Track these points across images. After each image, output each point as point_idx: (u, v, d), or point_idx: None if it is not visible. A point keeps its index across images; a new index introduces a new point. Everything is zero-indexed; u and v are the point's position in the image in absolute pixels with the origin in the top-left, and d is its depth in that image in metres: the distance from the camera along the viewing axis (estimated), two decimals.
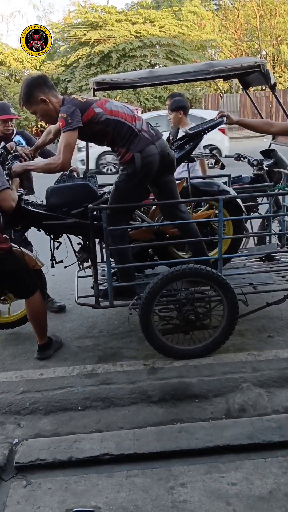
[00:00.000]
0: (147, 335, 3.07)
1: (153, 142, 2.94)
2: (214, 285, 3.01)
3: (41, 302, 3.26)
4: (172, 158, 3.07)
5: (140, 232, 3.38)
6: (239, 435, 2.36)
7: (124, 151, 2.94)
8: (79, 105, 2.85)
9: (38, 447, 2.38)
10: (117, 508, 2.01)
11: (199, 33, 25.54)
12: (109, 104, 2.97)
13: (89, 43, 23.10)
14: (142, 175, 2.95)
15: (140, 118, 3.00)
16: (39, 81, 2.91)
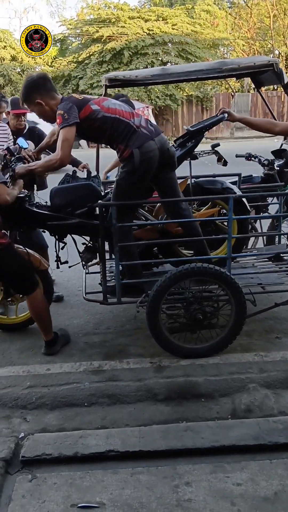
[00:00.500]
0: (154, 333, 3.07)
1: (152, 138, 2.95)
2: (222, 284, 3.01)
3: (42, 299, 3.26)
4: (172, 153, 3.08)
5: (145, 231, 3.38)
6: (245, 436, 2.35)
7: (123, 148, 2.95)
8: (76, 102, 2.90)
9: (44, 442, 2.39)
10: (122, 504, 2.01)
11: (212, 32, 25.42)
12: (107, 102, 3.00)
13: (101, 40, 23.08)
14: (142, 171, 2.95)
15: (138, 115, 3.02)
16: (38, 84, 2.98)
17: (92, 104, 2.93)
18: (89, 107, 2.91)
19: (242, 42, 27.83)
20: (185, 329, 3.15)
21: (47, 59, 24.61)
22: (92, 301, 3.42)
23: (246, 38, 28.85)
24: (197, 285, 3.10)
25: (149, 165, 2.95)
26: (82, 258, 3.54)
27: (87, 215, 3.24)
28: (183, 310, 3.12)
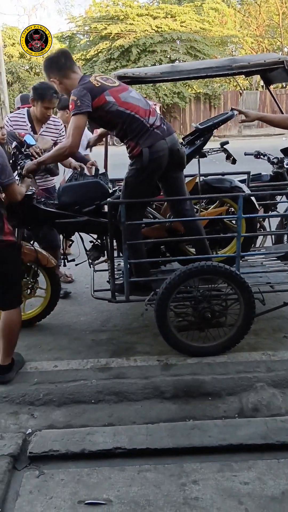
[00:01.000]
0: (162, 331, 3.07)
1: (163, 137, 2.92)
2: (232, 283, 3.00)
3: (20, 319, 2.98)
4: (182, 154, 3.05)
5: (152, 229, 3.37)
6: (252, 435, 2.35)
7: (133, 145, 2.93)
8: (91, 90, 2.84)
9: (52, 438, 2.39)
10: (129, 502, 2.01)
11: (220, 29, 25.33)
12: (125, 93, 2.92)
13: (109, 37, 23.06)
14: (150, 170, 2.94)
15: (154, 113, 2.97)
16: (52, 62, 2.98)
17: (107, 94, 2.86)
18: (103, 98, 2.85)
19: (251, 39, 27.72)
20: (193, 327, 3.15)
21: None
22: (100, 299, 3.42)
23: (255, 35, 28.74)
24: (206, 283, 3.10)
25: (158, 165, 2.94)
26: (89, 256, 3.54)
27: (95, 213, 3.23)
28: (192, 308, 3.11)
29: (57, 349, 3.37)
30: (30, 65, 23.30)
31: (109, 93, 2.86)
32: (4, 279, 2.87)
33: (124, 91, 2.94)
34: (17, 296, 2.99)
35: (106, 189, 3.31)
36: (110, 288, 3.27)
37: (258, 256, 3.85)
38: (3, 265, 2.82)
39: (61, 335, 3.58)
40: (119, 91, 2.92)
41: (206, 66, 3.60)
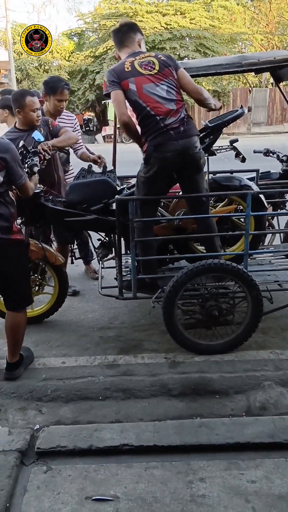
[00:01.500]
0: (169, 328, 3.07)
1: (176, 139, 2.86)
2: (239, 281, 2.99)
3: (26, 319, 3.01)
4: (196, 157, 2.96)
5: (160, 228, 3.36)
6: (260, 433, 2.34)
7: (143, 141, 2.95)
8: (119, 73, 2.90)
9: (59, 434, 2.40)
10: (136, 498, 2.02)
11: (230, 26, 25.20)
12: (151, 86, 2.87)
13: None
14: (154, 169, 2.93)
15: (177, 115, 2.88)
16: (113, 34, 3.12)
17: (131, 82, 2.86)
18: (127, 84, 2.86)
19: (261, 36, 27.54)
20: (200, 325, 3.14)
21: (65, 53, 24.65)
22: (108, 296, 3.43)
23: (264, 32, 28.55)
24: (216, 281, 3.09)
25: (162, 164, 2.90)
26: (97, 254, 3.54)
27: (103, 211, 3.23)
28: (199, 306, 3.11)
29: (65, 345, 3.38)
30: (39, 62, 23.35)
31: (133, 81, 2.86)
32: (12, 278, 2.86)
33: (151, 83, 2.87)
34: (26, 296, 2.99)
35: (114, 187, 3.31)
36: (117, 285, 3.28)
37: (266, 254, 3.83)
38: (11, 264, 2.81)
39: (69, 332, 3.59)
40: (146, 81, 2.87)
41: (216, 63, 3.58)
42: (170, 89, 2.91)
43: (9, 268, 2.81)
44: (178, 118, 2.89)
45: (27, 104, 3.33)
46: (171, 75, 2.94)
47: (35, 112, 3.40)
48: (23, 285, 2.95)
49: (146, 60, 2.94)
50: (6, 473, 2.15)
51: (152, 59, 2.94)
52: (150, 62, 2.93)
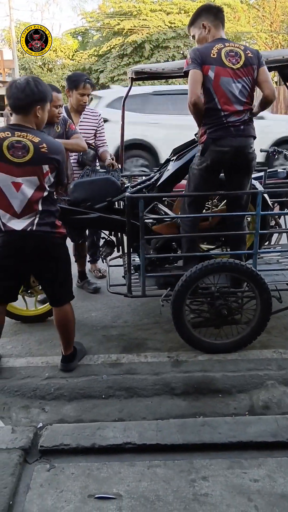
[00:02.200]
0: (178, 327, 3.06)
1: (234, 136, 2.87)
2: (249, 281, 2.98)
3: (72, 309, 3.02)
4: (250, 158, 2.97)
5: (165, 226, 3.35)
6: (263, 432, 2.34)
7: (202, 132, 2.95)
8: (205, 57, 2.84)
9: (62, 432, 2.41)
10: (139, 497, 2.02)
11: (234, 25, 25.12)
12: (228, 80, 2.84)
13: (122, 33, 23.01)
14: (210, 162, 2.93)
15: (241, 115, 2.88)
16: (208, 8, 3.01)
17: (212, 69, 2.82)
18: (207, 69, 2.82)
19: (265, 35, 27.45)
20: (209, 324, 3.13)
21: (68, 52, 24.66)
22: (117, 293, 3.43)
23: (269, 31, 28.45)
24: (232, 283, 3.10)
25: (217, 158, 2.91)
26: (100, 253, 3.55)
27: (107, 209, 3.24)
28: (208, 305, 3.10)
29: None
30: (43, 61, 23.38)
31: (214, 69, 2.83)
32: (62, 273, 2.90)
33: (230, 77, 2.84)
34: (70, 289, 3.01)
35: (117, 185, 3.31)
36: (125, 283, 3.27)
37: (274, 253, 3.83)
38: (58, 259, 2.85)
39: None
40: (226, 74, 2.84)
41: None
42: (244, 89, 2.89)
43: (57, 262, 2.84)
44: (241, 118, 2.89)
45: (52, 99, 3.35)
46: (251, 74, 2.91)
47: (57, 108, 3.46)
48: (68, 278, 2.98)
49: (234, 51, 2.88)
50: (9, 471, 2.16)
51: (240, 52, 2.89)
52: (237, 54, 2.88)
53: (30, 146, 2.58)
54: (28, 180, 2.61)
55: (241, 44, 2.99)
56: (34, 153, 2.58)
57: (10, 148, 2.56)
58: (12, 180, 2.59)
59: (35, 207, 2.66)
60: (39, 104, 2.65)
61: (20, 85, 2.59)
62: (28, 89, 2.58)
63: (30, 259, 2.76)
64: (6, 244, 2.70)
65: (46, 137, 2.70)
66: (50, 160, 2.63)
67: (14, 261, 2.75)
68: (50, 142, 2.67)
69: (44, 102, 2.68)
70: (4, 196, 2.61)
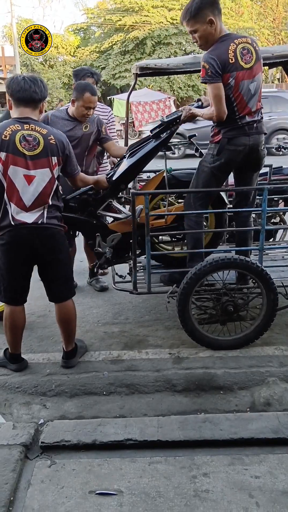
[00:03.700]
0: (184, 323, 3.05)
1: (248, 135, 2.90)
2: (255, 277, 2.97)
3: (75, 307, 3.03)
4: (261, 155, 3.02)
5: (119, 224, 3.32)
6: (264, 429, 2.34)
7: (217, 131, 2.94)
8: (225, 66, 2.74)
9: (63, 429, 2.41)
10: (139, 493, 2.02)
11: (236, 21, 25.06)
12: (246, 83, 2.82)
13: (124, 29, 22.96)
14: (224, 161, 2.94)
15: (254, 116, 2.90)
16: (216, 2, 2.84)
17: (232, 77, 2.76)
18: (228, 78, 2.76)
19: (268, 31, 27.38)
20: (215, 320, 3.13)
21: (70, 49, 24.61)
22: (122, 290, 3.43)
23: (271, 27, 28.37)
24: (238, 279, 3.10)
25: (232, 157, 2.93)
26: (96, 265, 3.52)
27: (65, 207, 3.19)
28: (214, 301, 3.09)
29: None
30: (44, 57, 23.34)
31: (235, 75, 2.77)
32: (66, 267, 2.93)
33: (247, 79, 2.81)
34: (72, 285, 3.08)
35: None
36: (131, 280, 3.27)
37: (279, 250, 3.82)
38: (61, 252, 2.86)
39: None
40: (243, 77, 2.80)
41: None
42: (258, 86, 2.89)
43: (62, 256, 2.87)
44: (255, 118, 2.92)
45: (84, 99, 3.43)
46: (261, 69, 2.90)
47: (87, 110, 3.49)
48: (71, 274, 3.07)
49: (246, 48, 2.81)
50: (10, 467, 2.16)
51: (250, 48, 2.82)
52: (249, 51, 2.82)
53: (40, 138, 2.65)
54: (41, 172, 2.66)
55: (247, 37, 2.91)
56: (44, 145, 2.66)
57: (22, 141, 2.60)
58: (25, 173, 2.62)
59: (46, 200, 2.71)
60: (44, 100, 2.78)
61: (34, 80, 2.68)
62: (41, 84, 2.71)
63: (39, 253, 2.78)
64: (18, 238, 2.70)
65: (52, 129, 2.80)
66: (58, 151, 2.72)
67: (24, 258, 2.76)
68: (56, 133, 2.77)
69: (46, 99, 2.82)
70: (15, 189, 2.63)
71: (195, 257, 3.20)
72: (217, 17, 2.82)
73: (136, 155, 3.17)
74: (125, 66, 22.44)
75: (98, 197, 3.29)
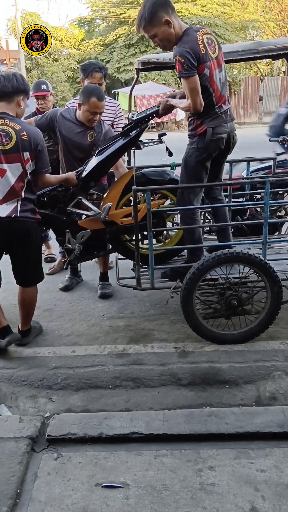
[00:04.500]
0: (188, 318, 3.05)
1: (226, 122, 2.96)
2: (259, 271, 2.96)
3: (36, 292, 3.22)
4: (235, 141, 3.11)
5: (89, 221, 3.30)
6: (269, 423, 2.34)
7: (198, 123, 2.94)
8: (199, 57, 2.73)
9: (69, 422, 2.42)
10: (145, 486, 2.03)
11: (242, 13, 24.84)
12: (216, 71, 2.86)
13: (128, 22, 22.82)
14: (210, 151, 2.97)
15: (226, 101, 2.98)
16: (164, 1, 2.79)
17: (207, 67, 2.78)
18: (203, 68, 2.76)
19: (273, 24, 27.14)
20: (219, 315, 3.12)
21: (74, 42, 24.49)
22: (126, 286, 3.43)
23: (277, 20, 28.12)
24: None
25: (217, 146, 2.97)
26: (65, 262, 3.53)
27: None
28: (218, 295, 3.08)
29: (75, 334, 3.40)
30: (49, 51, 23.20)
31: (209, 66, 2.79)
32: (35, 256, 3.12)
33: (217, 68, 2.87)
34: (41, 272, 3.22)
35: None
36: (135, 276, 3.27)
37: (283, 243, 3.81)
38: (33, 243, 3.05)
39: (79, 321, 3.61)
40: (215, 66, 2.85)
41: (232, 50, 3.55)
42: (225, 75, 2.99)
43: (33, 245, 3.06)
44: (228, 106, 2.99)
45: (90, 103, 3.35)
46: (223, 58, 2.94)
47: (92, 115, 3.39)
48: (41, 261, 3.22)
49: (209, 38, 2.83)
50: (17, 459, 2.18)
51: (212, 38, 2.86)
52: (212, 41, 2.84)
53: (13, 133, 2.77)
54: (13, 166, 2.80)
55: (205, 28, 2.92)
56: (16, 140, 2.77)
57: None
58: None
59: (19, 193, 2.86)
60: (22, 95, 2.87)
61: (7, 74, 2.80)
62: (14, 79, 2.80)
63: (12, 244, 2.97)
64: None
65: (26, 125, 2.91)
66: (30, 147, 2.82)
67: None
68: (30, 130, 2.86)
69: (26, 94, 2.92)
70: None
71: (194, 253, 3.20)
72: (172, 16, 2.80)
73: (105, 152, 3.17)
74: (129, 60, 22.31)
75: (68, 193, 3.31)
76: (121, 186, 3.32)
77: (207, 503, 1.93)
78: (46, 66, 22.34)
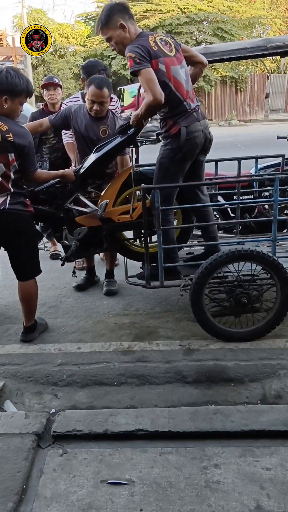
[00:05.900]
0: (197, 316, 3.04)
1: (199, 120, 2.95)
2: (269, 269, 2.95)
3: (36, 285, 3.21)
4: (211, 138, 3.08)
5: (85, 218, 3.31)
6: (275, 421, 2.33)
7: (171, 123, 2.92)
8: (149, 51, 2.76)
9: (75, 418, 2.43)
10: (151, 483, 2.03)
11: (249, 9, 24.69)
12: (177, 68, 2.86)
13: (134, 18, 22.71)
14: (186, 150, 2.94)
15: (193, 99, 2.98)
16: (121, 7, 2.90)
17: (161, 62, 2.78)
18: (156, 63, 2.76)
19: (280, 21, 26.96)
20: (229, 313, 3.12)
21: (80, 38, 24.43)
22: (135, 284, 3.43)
23: (284, 17, 27.93)
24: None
25: (192, 145, 2.94)
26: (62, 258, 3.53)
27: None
28: (227, 293, 3.08)
29: (80, 331, 3.40)
30: (54, 47, 23.18)
31: (163, 61, 2.80)
32: (28, 248, 3.10)
33: (177, 65, 2.87)
34: (37, 265, 3.20)
35: None
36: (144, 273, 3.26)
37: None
38: (26, 235, 3.05)
39: (84, 318, 3.61)
40: (172, 63, 2.85)
41: (240, 47, 3.54)
42: (187, 72, 3.00)
43: (24, 237, 3.05)
44: (195, 101, 2.99)
45: (89, 91, 3.34)
46: (183, 58, 2.97)
47: (91, 104, 3.36)
48: (35, 253, 3.18)
49: (163, 39, 2.89)
50: (22, 455, 2.19)
51: (167, 39, 2.93)
52: (167, 42, 2.91)
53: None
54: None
55: (159, 33, 3.00)
56: (1, 141, 2.75)
57: None
58: None
59: (7, 189, 2.88)
60: (5, 95, 2.77)
61: None
62: None
63: (3, 236, 3.01)
64: None
65: (14, 126, 2.84)
66: (15, 148, 2.80)
67: None
68: (16, 131, 2.82)
69: (11, 94, 2.78)
70: None
71: (169, 254, 3.16)
72: (128, 22, 2.87)
73: (102, 150, 3.18)
74: None
75: (66, 190, 3.31)
76: (119, 184, 3.33)
77: (212, 501, 1.93)
78: (52, 63, 22.32)
